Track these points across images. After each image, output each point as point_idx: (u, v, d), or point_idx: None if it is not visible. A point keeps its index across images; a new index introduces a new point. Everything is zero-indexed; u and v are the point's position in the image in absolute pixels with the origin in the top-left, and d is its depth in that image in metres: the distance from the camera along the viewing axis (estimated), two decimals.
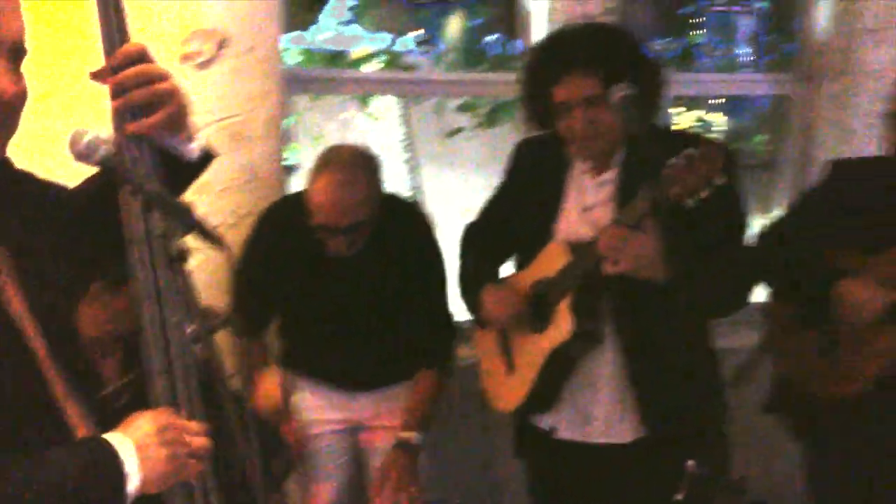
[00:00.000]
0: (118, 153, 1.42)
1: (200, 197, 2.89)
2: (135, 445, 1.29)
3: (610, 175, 2.29)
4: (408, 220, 2.75)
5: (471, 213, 2.63)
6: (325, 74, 3.69)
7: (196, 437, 1.37)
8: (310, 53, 3.89)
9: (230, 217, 2.95)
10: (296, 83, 3.20)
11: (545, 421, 2.40)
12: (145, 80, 1.45)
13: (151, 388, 1.42)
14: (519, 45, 3.55)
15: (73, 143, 1.37)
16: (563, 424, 2.38)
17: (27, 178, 1.52)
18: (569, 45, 2.23)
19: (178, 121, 1.50)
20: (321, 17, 3.99)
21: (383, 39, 4.03)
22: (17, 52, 1.30)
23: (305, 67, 3.87)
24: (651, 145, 2.08)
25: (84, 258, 1.55)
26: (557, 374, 2.32)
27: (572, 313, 2.23)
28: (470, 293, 2.50)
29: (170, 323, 1.42)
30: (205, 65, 2.87)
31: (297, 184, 3.15)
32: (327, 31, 4.01)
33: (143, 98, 1.46)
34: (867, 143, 3.46)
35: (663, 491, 2.32)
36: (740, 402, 3.32)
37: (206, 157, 1.59)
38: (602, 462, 2.37)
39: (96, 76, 1.49)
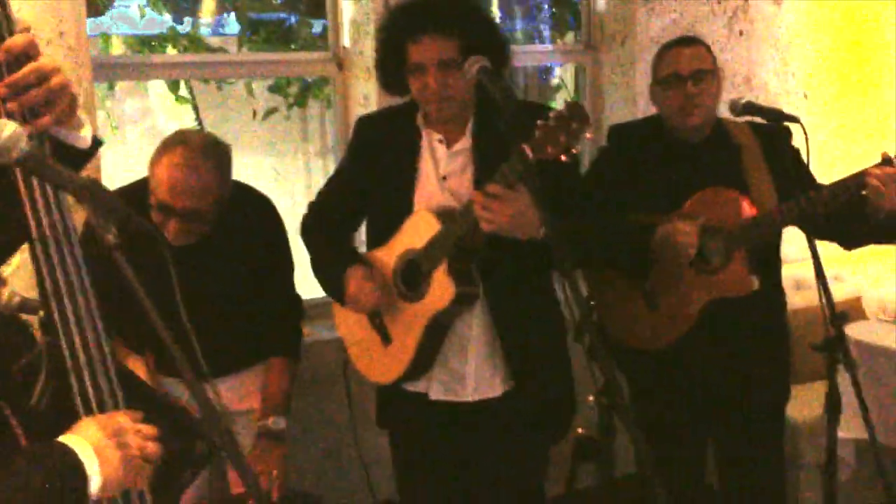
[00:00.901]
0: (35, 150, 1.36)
1: None
2: (93, 448, 1.30)
3: (463, 144, 2.38)
4: (247, 205, 2.71)
5: (288, 196, 2.63)
6: (133, 60, 3.54)
7: (147, 440, 1.38)
8: (106, 38, 3.70)
9: None
10: (103, 70, 3.06)
11: (418, 385, 2.48)
12: (40, 78, 1.42)
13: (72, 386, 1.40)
14: (323, 23, 3.58)
15: None
16: (434, 387, 2.47)
17: None
18: (429, 6, 2.30)
19: (71, 113, 1.50)
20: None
21: (181, 22, 3.90)
22: None
23: (106, 54, 3.68)
24: (512, 113, 2.17)
25: None
26: (436, 341, 2.40)
27: (451, 278, 2.31)
28: (328, 275, 2.52)
29: (80, 318, 1.41)
30: None
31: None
32: (120, 14, 3.83)
33: (41, 98, 1.42)
34: (651, 107, 3.79)
35: (531, 438, 2.50)
36: None
37: (96, 144, 1.59)
38: (473, 418, 2.47)
39: None
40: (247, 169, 2.98)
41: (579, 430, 2.45)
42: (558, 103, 4.44)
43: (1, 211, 1.44)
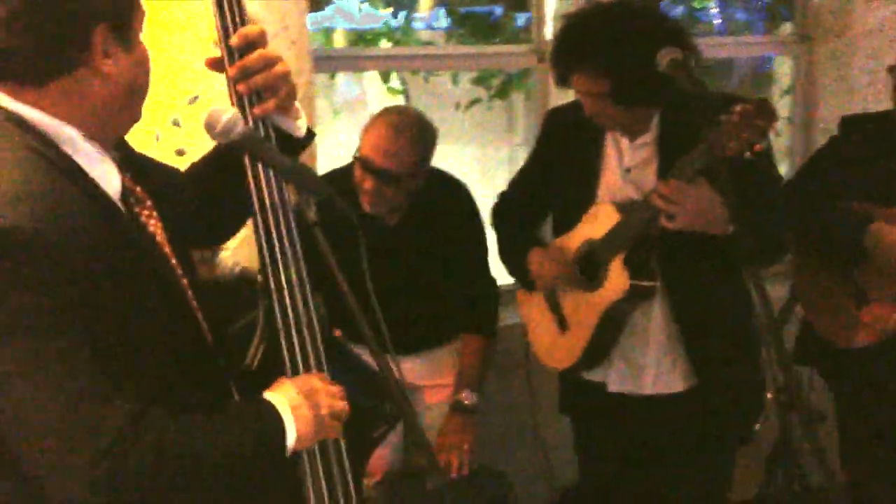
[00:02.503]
0: (252, 132, 1.52)
1: None
2: (290, 405, 1.43)
3: (648, 137, 2.37)
4: (447, 190, 2.84)
5: (488, 185, 2.71)
6: (348, 53, 3.77)
7: (336, 399, 1.50)
8: (327, 32, 3.96)
9: None
10: (322, 62, 3.28)
11: (597, 375, 2.51)
12: (267, 65, 1.55)
13: (282, 347, 1.54)
14: (527, 17, 3.66)
15: (212, 122, 1.46)
16: (613, 378, 2.49)
17: (145, 157, 1.62)
18: (575, 41, 2.26)
19: (290, 101, 1.62)
20: None
21: (394, 16, 4.11)
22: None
23: (327, 47, 3.94)
24: (697, 106, 2.13)
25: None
26: (611, 331, 2.43)
27: (627, 270, 2.32)
28: (513, 259, 2.60)
29: (292, 285, 1.54)
30: None
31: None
32: (340, 9, 4.09)
33: (266, 82, 1.57)
34: (867, 100, 3.61)
35: (713, 437, 2.48)
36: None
37: (310, 134, 1.71)
38: (653, 412, 2.48)
39: (213, 65, 1.60)
40: (451, 158, 3.10)
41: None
42: (773, 96, 4.30)
43: (232, 186, 1.60)
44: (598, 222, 2.39)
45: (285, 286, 1.53)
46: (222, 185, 1.64)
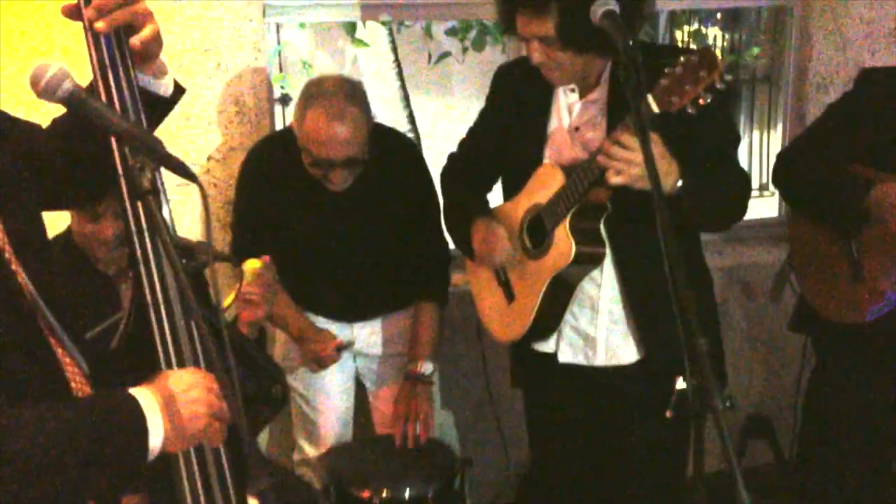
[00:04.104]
0: (83, 89, 1.37)
1: (187, 130, 2.83)
2: (160, 403, 1.27)
3: (597, 94, 2.23)
4: (398, 151, 2.72)
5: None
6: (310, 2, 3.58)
7: (220, 399, 1.33)
8: None
9: (218, 151, 2.89)
10: (273, 10, 3.09)
11: (547, 346, 2.39)
12: (127, 1, 1.42)
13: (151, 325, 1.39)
14: None
15: (35, 79, 1.33)
16: (563, 349, 2.37)
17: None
18: None
19: (154, 45, 1.48)
20: None
21: None
22: None
23: None
24: (641, 59, 2.01)
25: (50, 191, 1.51)
26: (559, 300, 2.30)
27: (573, 236, 2.19)
28: (458, 228, 2.47)
29: (159, 258, 1.39)
30: None
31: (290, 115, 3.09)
32: None
33: (125, 19, 1.43)
34: (863, 54, 3.41)
35: (661, 410, 2.33)
36: (747, 319, 3.36)
37: (178, 91, 1.57)
38: (603, 384, 2.36)
39: (71, 13, 1.46)
40: (426, 111, 2.96)
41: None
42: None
43: (93, 141, 1.46)
44: (544, 185, 2.25)
45: (152, 258, 1.38)
46: (83, 141, 1.49)
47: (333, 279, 2.72)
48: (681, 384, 1.54)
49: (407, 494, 2.46)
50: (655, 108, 1.95)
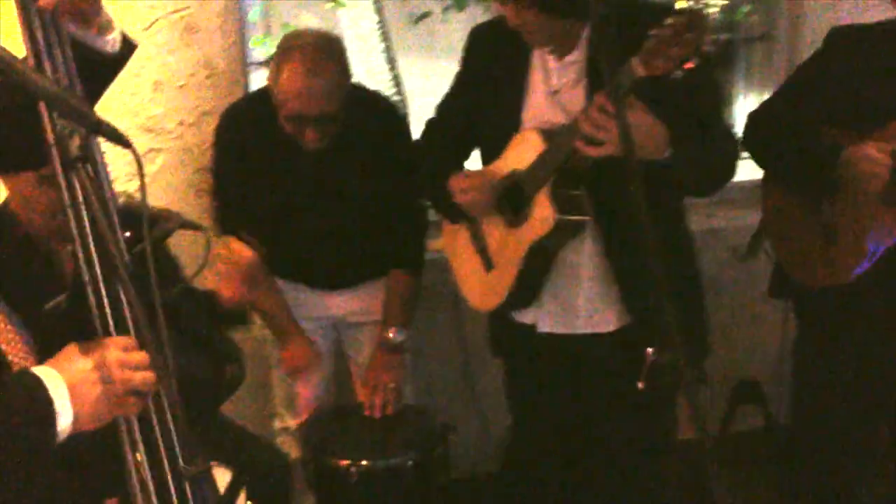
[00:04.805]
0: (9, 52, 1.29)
1: (157, 94, 2.76)
2: (67, 383, 1.23)
3: (576, 55, 2.15)
4: (376, 112, 2.65)
5: None
6: None
7: (138, 371, 1.28)
8: None
9: (190, 115, 2.81)
10: None
11: (526, 316, 2.34)
12: None
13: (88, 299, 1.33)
14: None
15: None
16: (544, 318, 2.32)
17: None
18: None
19: (93, 9, 1.42)
20: None
21: None
22: None
23: None
24: (620, 20, 1.94)
25: None
26: (539, 269, 2.24)
27: (553, 204, 2.12)
28: (435, 189, 2.40)
29: (96, 229, 1.31)
30: None
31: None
32: None
33: None
34: (856, 8, 3.32)
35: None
36: (731, 282, 3.30)
37: (127, 48, 1.50)
38: (584, 352, 2.32)
39: None
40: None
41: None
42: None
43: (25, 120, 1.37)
44: (523, 151, 2.18)
45: (88, 229, 1.30)
46: (11, 107, 1.41)
47: (310, 244, 2.66)
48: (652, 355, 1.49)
49: (386, 463, 2.43)
50: (641, 72, 1.88)
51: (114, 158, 2.72)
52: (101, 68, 1.45)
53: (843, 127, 2.29)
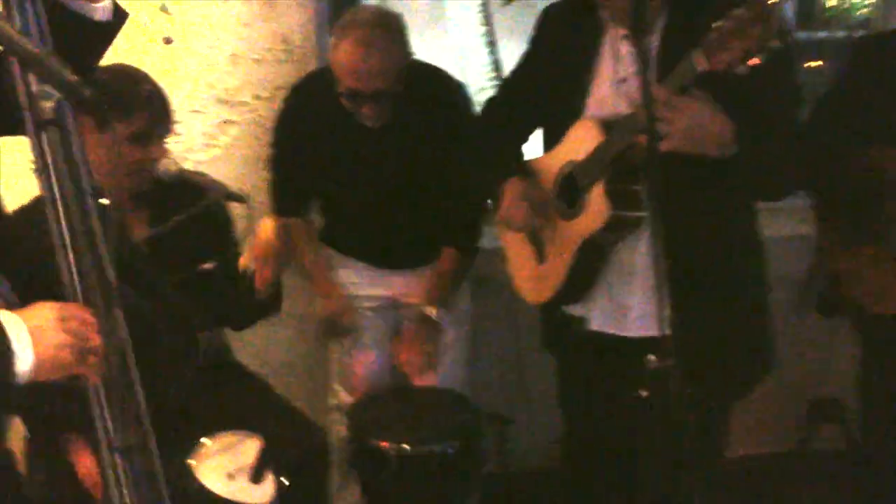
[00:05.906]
0: None
1: (233, 67, 2.79)
2: (28, 327, 1.27)
3: (650, 41, 2.04)
4: (438, 87, 2.63)
5: None
6: None
7: (94, 331, 1.31)
8: None
9: (265, 89, 2.84)
10: None
11: (578, 309, 2.26)
12: None
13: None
14: None
15: None
16: (595, 315, 2.24)
17: None
18: None
19: None
20: None
21: None
22: None
23: None
24: (698, 6, 1.85)
25: None
26: (591, 264, 2.17)
27: (608, 198, 2.05)
28: (488, 176, 2.33)
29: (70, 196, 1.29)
30: None
31: None
32: None
33: None
34: None
35: (698, 392, 2.20)
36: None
37: (119, 17, 1.47)
38: (634, 356, 2.23)
39: None
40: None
41: None
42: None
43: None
44: (581, 141, 2.11)
45: (58, 194, 1.27)
46: None
47: (370, 220, 2.67)
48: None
49: (426, 450, 2.40)
50: (704, 65, 1.78)
51: (188, 127, 2.81)
52: (93, 36, 1.43)
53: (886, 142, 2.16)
